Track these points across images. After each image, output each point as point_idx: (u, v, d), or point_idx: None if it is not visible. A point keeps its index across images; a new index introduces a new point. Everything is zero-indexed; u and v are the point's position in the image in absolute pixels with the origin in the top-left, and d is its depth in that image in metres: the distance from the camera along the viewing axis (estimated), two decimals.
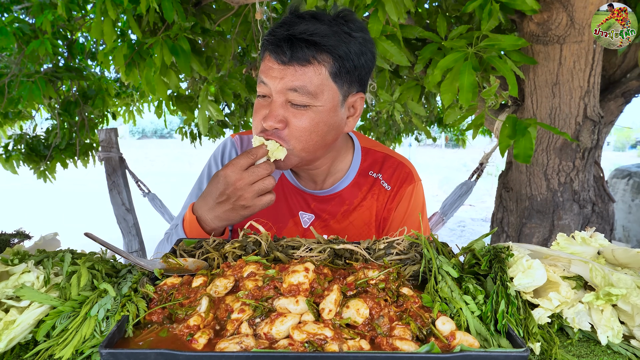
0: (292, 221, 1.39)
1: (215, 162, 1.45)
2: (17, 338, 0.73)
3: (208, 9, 3.28)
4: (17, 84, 3.34)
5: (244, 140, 1.47)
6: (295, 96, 1.12)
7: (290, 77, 1.11)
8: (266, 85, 1.15)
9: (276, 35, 1.11)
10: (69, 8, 2.86)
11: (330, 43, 1.11)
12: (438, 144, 30.79)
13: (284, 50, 1.10)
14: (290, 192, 1.40)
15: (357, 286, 0.78)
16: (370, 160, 1.43)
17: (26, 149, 4.30)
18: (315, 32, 1.10)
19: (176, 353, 0.60)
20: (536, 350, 0.73)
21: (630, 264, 0.88)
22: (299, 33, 1.10)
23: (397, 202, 1.40)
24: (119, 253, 0.81)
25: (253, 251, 0.95)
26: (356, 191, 1.40)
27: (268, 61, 1.14)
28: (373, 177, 1.41)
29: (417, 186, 1.42)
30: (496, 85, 1.84)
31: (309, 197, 1.40)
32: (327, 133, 1.20)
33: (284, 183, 1.41)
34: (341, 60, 1.14)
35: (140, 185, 4.15)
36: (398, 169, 1.42)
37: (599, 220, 2.65)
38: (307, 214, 1.40)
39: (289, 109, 1.14)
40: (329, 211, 1.39)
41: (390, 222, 1.41)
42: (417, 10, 2.70)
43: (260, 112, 1.18)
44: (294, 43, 1.10)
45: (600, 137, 2.53)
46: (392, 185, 1.40)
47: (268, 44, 1.13)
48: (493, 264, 0.84)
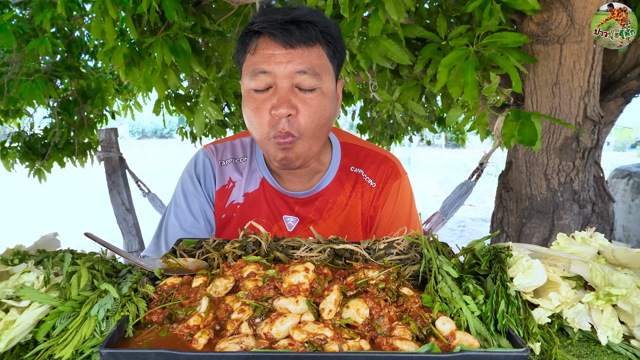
0: (277, 226, 1.36)
1: (190, 176, 1.39)
2: (17, 338, 0.73)
3: (208, 9, 3.28)
4: (16, 82, 3.34)
5: (218, 150, 1.41)
6: (304, 78, 1.11)
7: (298, 59, 1.10)
8: (268, 74, 1.11)
9: (276, 20, 1.09)
10: (68, 7, 2.86)
11: (326, 24, 1.14)
12: (438, 144, 30.79)
13: (292, 32, 1.08)
14: (272, 197, 1.36)
15: (357, 286, 0.78)
16: (350, 155, 1.40)
17: (23, 147, 4.28)
18: (312, 14, 1.12)
19: (176, 353, 0.60)
20: (536, 350, 0.73)
21: (630, 264, 0.88)
22: (301, 15, 1.10)
23: (384, 199, 1.36)
24: (119, 253, 0.81)
25: (253, 251, 0.95)
26: (338, 188, 1.36)
27: (266, 49, 1.11)
28: (355, 173, 1.38)
29: (404, 181, 1.39)
30: (497, 82, 1.84)
31: (291, 200, 1.36)
32: (329, 119, 1.19)
33: (266, 187, 1.36)
34: (334, 42, 1.17)
35: (140, 185, 4.15)
36: (382, 164, 1.38)
37: (599, 220, 2.65)
38: (291, 217, 1.36)
39: (297, 94, 1.12)
40: (313, 212, 1.36)
41: (378, 220, 1.38)
42: (417, 10, 2.70)
43: (264, 106, 1.13)
44: (300, 24, 1.09)
45: (600, 137, 2.53)
46: (377, 181, 1.37)
47: (270, 29, 1.10)
48: (493, 264, 0.84)
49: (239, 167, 1.39)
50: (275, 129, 1.13)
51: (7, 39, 3.03)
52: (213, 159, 1.40)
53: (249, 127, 1.21)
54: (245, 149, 1.42)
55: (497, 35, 1.91)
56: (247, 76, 1.15)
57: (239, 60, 1.22)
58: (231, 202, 1.37)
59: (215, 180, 1.39)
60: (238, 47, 1.20)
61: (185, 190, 1.38)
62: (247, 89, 1.16)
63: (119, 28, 3.03)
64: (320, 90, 1.14)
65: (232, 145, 1.43)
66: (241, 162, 1.40)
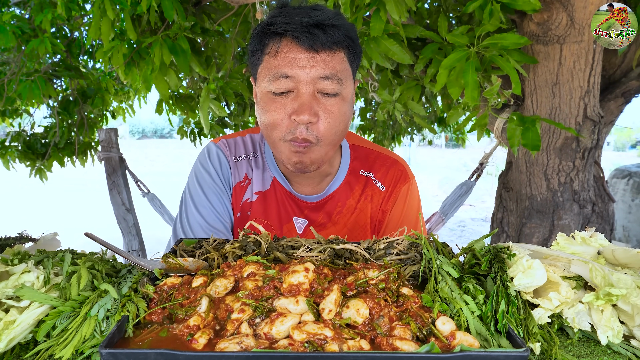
0: (286, 227, 1.34)
1: (206, 169, 1.33)
2: (17, 338, 0.73)
3: (208, 9, 3.28)
4: (16, 82, 3.34)
5: (230, 145, 1.37)
6: (327, 84, 1.08)
7: (322, 64, 1.07)
8: (290, 79, 1.07)
9: (300, 22, 1.05)
10: (68, 7, 2.86)
11: (347, 27, 1.10)
12: (438, 144, 30.79)
13: (318, 36, 1.05)
14: (283, 198, 1.34)
15: (357, 286, 0.78)
16: (359, 157, 1.38)
17: (23, 146, 4.28)
18: (336, 17, 1.08)
19: (176, 353, 0.60)
20: (536, 350, 0.73)
21: (630, 264, 0.88)
22: (326, 19, 1.06)
23: (392, 202, 1.35)
24: (119, 253, 0.81)
25: (253, 251, 0.95)
26: (348, 191, 1.35)
27: (289, 52, 1.07)
28: (365, 177, 1.36)
29: (412, 184, 1.38)
30: (498, 84, 1.85)
31: (302, 203, 1.34)
32: (347, 124, 1.17)
33: (277, 188, 1.34)
34: (354, 45, 1.14)
35: (140, 185, 4.14)
36: (392, 167, 1.38)
37: (599, 220, 2.65)
38: (301, 219, 1.35)
39: (319, 100, 1.10)
40: (323, 215, 1.35)
41: (386, 223, 1.36)
42: (417, 10, 2.70)
43: (284, 110, 1.10)
44: (325, 28, 1.06)
45: (600, 137, 2.53)
46: (386, 185, 1.36)
47: (295, 32, 1.06)
48: (493, 264, 0.84)
49: (252, 164, 1.35)
50: (292, 133, 1.10)
51: (5, 38, 3.03)
52: (227, 154, 1.35)
53: (263, 129, 1.17)
54: (255, 146, 1.38)
55: (498, 36, 1.91)
56: (265, 79, 1.11)
57: (254, 60, 1.17)
58: (246, 199, 1.34)
59: (231, 175, 1.34)
60: (254, 46, 1.16)
61: (203, 185, 1.32)
62: (265, 91, 1.12)
63: (118, 28, 3.03)
64: (341, 96, 1.12)
65: (243, 141, 1.38)
66: (253, 158, 1.36)
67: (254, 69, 1.20)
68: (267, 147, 1.37)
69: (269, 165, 1.35)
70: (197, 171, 1.35)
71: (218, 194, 1.32)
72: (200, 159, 1.37)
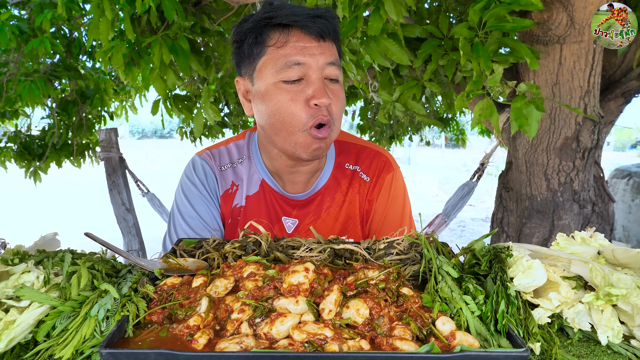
0: (277, 227, 1.35)
1: (192, 181, 1.35)
2: (17, 338, 0.73)
3: (208, 9, 3.28)
4: (15, 82, 3.33)
5: (214, 155, 1.38)
6: (333, 70, 1.16)
7: (327, 51, 1.15)
8: (302, 66, 1.12)
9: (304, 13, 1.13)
10: (68, 7, 2.86)
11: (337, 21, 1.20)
12: (438, 144, 30.79)
13: (324, 25, 1.13)
14: (272, 198, 1.35)
15: (357, 286, 0.78)
16: (344, 152, 1.41)
17: (19, 147, 4.26)
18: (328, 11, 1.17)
19: (176, 353, 0.60)
20: (536, 350, 0.73)
21: (630, 264, 0.88)
22: (324, 11, 1.16)
23: (377, 192, 1.38)
24: (119, 253, 0.81)
25: (253, 251, 0.95)
26: (335, 186, 1.37)
27: (298, 41, 1.13)
28: (350, 170, 1.39)
29: (397, 174, 1.41)
30: (500, 72, 1.85)
31: (290, 202, 1.36)
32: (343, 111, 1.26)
33: (266, 190, 1.35)
34: (338, 38, 1.23)
35: (140, 185, 4.14)
36: (375, 158, 1.40)
37: (599, 220, 2.65)
38: (291, 219, 1.36)
39: (328, 85, 1.16)
40: (313, 213, 1.36)
41: (372, 213, 1.39)
42: (417, 10, 2.70)
43: (299, 97, 1.13)
44: (327, 19, 1.15)
45: (600, 137, 2.53)
46: (370, 175, 1.39)
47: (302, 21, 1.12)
48: (493, 264, 0.84)
49: (238, 171, 1.38)
50: (314, 117, 1.13)
51: (4, 39, 3.03)
52: (212, 164, 1.37)
53: (271, 124, 1.18)
54: (241, 151, 1.39)
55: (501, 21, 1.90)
56: (274, 68, 1.14)
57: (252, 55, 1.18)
58: (235, 205, 1.36)
59: (218, 185, 1.36)
60: (251, 40, 1.18)
61: (190, 196, 1.34)
62: (275, 81, 1.14)
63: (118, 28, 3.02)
64: (340, 83, 1.20)
65: (227, 150, 1.40)
66: (238, 165, 1.38)
67: (250, 65, 1.20)
68: (255, 149, 1.38)
69: (257, 168, 1.36)
70: (184, 184, 1.37)
71: (205, 204, 1.34)
72: (186, 172, 1.39)
